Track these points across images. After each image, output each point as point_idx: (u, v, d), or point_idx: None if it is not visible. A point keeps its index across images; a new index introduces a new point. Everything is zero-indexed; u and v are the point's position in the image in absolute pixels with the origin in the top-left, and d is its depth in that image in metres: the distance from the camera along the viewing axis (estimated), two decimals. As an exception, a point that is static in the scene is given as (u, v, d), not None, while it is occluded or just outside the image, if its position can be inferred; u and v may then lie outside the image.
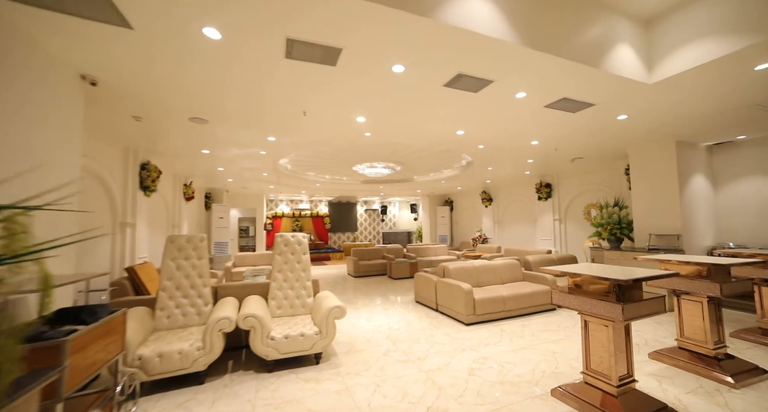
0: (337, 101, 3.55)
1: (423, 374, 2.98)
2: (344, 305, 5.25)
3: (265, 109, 3.71)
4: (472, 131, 4.73)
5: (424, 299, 5.45)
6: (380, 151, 6.35)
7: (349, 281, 8.21)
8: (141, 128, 4.17)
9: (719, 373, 2.70)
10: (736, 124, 4.59)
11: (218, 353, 2.74)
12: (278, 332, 3.07)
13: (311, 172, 9.09)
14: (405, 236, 17.08)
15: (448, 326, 4.37)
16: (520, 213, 10.09)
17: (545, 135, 4.98)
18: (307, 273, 3.85)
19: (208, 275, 3.34)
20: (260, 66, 2.74)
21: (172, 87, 3.08)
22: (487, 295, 4.52)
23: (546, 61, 2.76)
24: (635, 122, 4.42)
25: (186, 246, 3.27)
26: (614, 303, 2.13)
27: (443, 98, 3.49)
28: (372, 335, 4.11)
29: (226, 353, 3.46)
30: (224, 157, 6.07)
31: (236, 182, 9.30)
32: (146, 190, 4.96)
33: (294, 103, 3.56)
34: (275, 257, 3.78)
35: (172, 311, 3.04)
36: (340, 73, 2.88)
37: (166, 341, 2.64)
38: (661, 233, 5.52)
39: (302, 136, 4.88)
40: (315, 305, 3.64)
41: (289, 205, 15.65)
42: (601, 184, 7.62)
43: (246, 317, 2.91)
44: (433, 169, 8.74)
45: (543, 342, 3.72)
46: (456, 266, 5.14)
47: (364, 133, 4.84)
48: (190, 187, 7.44)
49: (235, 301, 3.45)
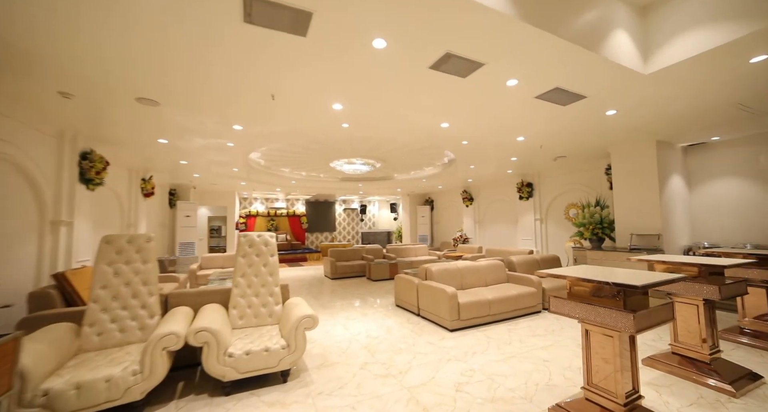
0: (310, 83, 3.15)
1: (405, 391, 2.64)
2: (317, 313, 4.86)
3: (225, 89, 3.25)
4: (457, 125, 4.46)
5: (405, 302, 5.13)
6: (359, 145, 5.97)
7: (326, 284, 7.77)
8: (76, 109, 3.52)
9: (718, 381, 2.54)
10: (716, 124, 4.60)
11: (161, 377, 2.27)
12: (238, 348, 2.63)
13: (286, 169, 8.56)
14: (385, 236, 16.77)
15: (431, 333, 4.06)
16: (501, 213, 10.01)
17: (532, 131, 4.80)
18: (275, 278, 3.42)
19: (155, 282, 2.84)
20: (212, 31, 2.30)
21: (104, 57, 2.57)
22: (471, 299, 4.25)
23: (542, 43, 2.50)
24: (622, 119, 4.31)
25: (127, 248, 2.75)
26: (623, 311, 1.88)
27: (429, 83, 3.17)
28: (348, 345, 3.73)
29: (177, 372, 2.97)
30: (186, 149, 5.48)
31: (204, 178, 8.61)
32: (89, 184, 4.30)
33: (259, 83, 3.12)
34: (238, 259, 3.32)
35: (106, 326, 2.52)
36: (311, 46, 2.49)
37: (92, 365, 2.13)
38: (641, 233, 5.49)
39: (273, 126, 4.43)
40: (284, 314, 3.22)
41: (264, 203, 14.94)
42: (582, 184, 7.62)
43: (198, 332, 2.46)
44: (415, 166, 8.46)
45: (532, 349, 3.49)
46: (439, 268, 4.85)
47: (342, 124, 4.45)
48: (149, 182, 6.74)
49: (189, 311, 2.97)
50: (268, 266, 3.41)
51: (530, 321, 4.46)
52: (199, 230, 11.58)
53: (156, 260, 2.83)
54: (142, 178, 6.61)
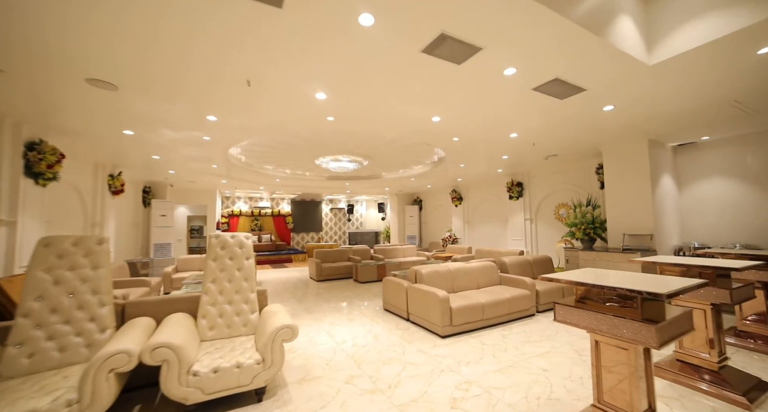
0: (290, 68, 2.83)
1: (395, 409, 2.37)
2: (300, 318, 4.51)
3: (194, 73, 2.89)
4: (450, 119, 4.22)
5: (394, 307, 4.86)
6: (345, 140, 5.67)
7: (310, 286, 7.42)
8: (13, 89, 3.03)
9: (730, 392, 2.37)
10: (710, 122, 4.52)
11: (107, 405, 1.91)
12: (205, 364, 2.30)
13: (269, 166, 8.16)
14: (372, 236, 16.48)
15: (422, 340, 3.80)
16: (490, 213, 9.88)
17: (526, 127, 4.61)
18: (251, 283, 3.09)
19: (108, 290, 2.47)
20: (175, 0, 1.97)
21: (39, 25, 2.19)
22: (464, 303, 4.02)
23: (546, 24, 2.28)
24: (618, 116, 4.17)
25: (72, 251, 2.37)
26: (641, 322, 1.66)
27: (421, 70, 2.90)
28: (333, 355, 3.43)
29: (133, 393, 2.61)
30: (157, 143, 5.05)
31: (181, 175, 8.11)
32: (38, 178, 3.82)
33: (231, 66, 2.78)
34: (208, 263, 2.98)
35: (40, 345, 2.12)
36: (289, 20, 2.19)
37: (11, 398, 1.73)
38: (634, 233, 5.40)
39: (252, 118, 4.08)
40: (260, 324, 2.90)
41: (248, 202, 14.41)
42: (573, 183, 7.53)
43: (155, 348, 2.11)
44: (403, 165, 8.21)
45: (529, 357, 3.27)
46: (429, 270, 4.60)
47: (327, 117, 4.14)
48: (118, 179, 6.23)
49: (150, 323, 2.61)
50: (242, 271, 3.08)
51: (524, 326, 4.27)
52: (178, 231, 10.99)
53: (109, 265, 2.46)
54: (109, 175, 6.10)
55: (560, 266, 6.96)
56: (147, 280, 5.62)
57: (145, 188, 8.84)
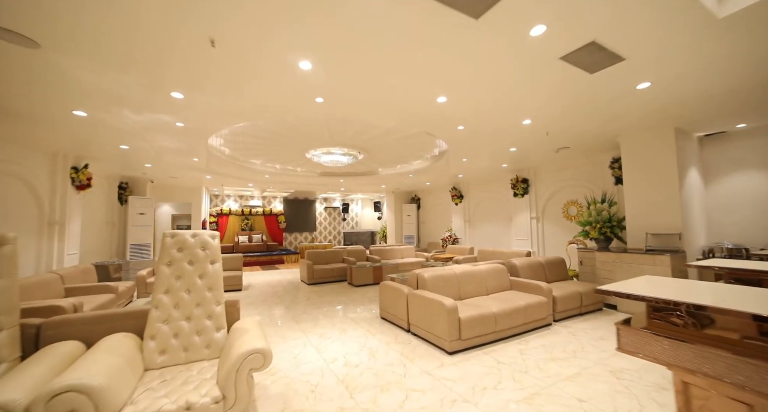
0: (263, 23, 2.24)
1: (397, 465, 1.79)
2: (286, 329, 3.81)
3: (142, 31, 2.28)
4: (457, 98, 3.64)
5: (392, 315, 4.28)
6: (338, 130, 5.08)
7: (301, 290, 6.81)
8: None
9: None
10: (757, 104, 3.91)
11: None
12: (140, 409, 1.70)
13: (257, 160, 7.54)
14: (368, 236, 15.89)
15: (425, 357, 3.23)
16: (493, 211, 9.33)
17: (543, 111, 4.04)
18: (217, 293, 2.48)
19: (12, 309, 1.85)
20: None
21: None
22: (474, 312, 3.45)
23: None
24: (650, 97, 3.62)
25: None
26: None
27: (427, 29, 2.32)
28: (320, 378, 2.84)
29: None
30: (120, 128, 4.41)
31: (159, 169, 7.45)
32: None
33: (186, 18, 2.18)
34: (160, 268, 2.36)
35: None
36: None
37: None
38: (658, 232, 4.87)
39: (226, 97, 3.47)
40: (227, 345, 2.30)
41: (238, 201, 13.75)
42: (583, 180, 7.01)
43: (59, 394, 1.50)
44: (402, 159, 7.63)
45: (556, 380, 2.71)
46: (432, 275, 4.03)
47: (315, 98, 3.55)
48: (83, 172, 5.57)
49: (73, 349, 2.00)
50: (206, 278, 2.47)
51: (542, 338, 3.71)
52: (160, 230, 10.30)
53: (16, 274, 1.85)
54: (72, 167, 5.44)
55: (572, 268, 6.41)
56: (113, 285, 4.99)
57: (121, 184, 8.16)
